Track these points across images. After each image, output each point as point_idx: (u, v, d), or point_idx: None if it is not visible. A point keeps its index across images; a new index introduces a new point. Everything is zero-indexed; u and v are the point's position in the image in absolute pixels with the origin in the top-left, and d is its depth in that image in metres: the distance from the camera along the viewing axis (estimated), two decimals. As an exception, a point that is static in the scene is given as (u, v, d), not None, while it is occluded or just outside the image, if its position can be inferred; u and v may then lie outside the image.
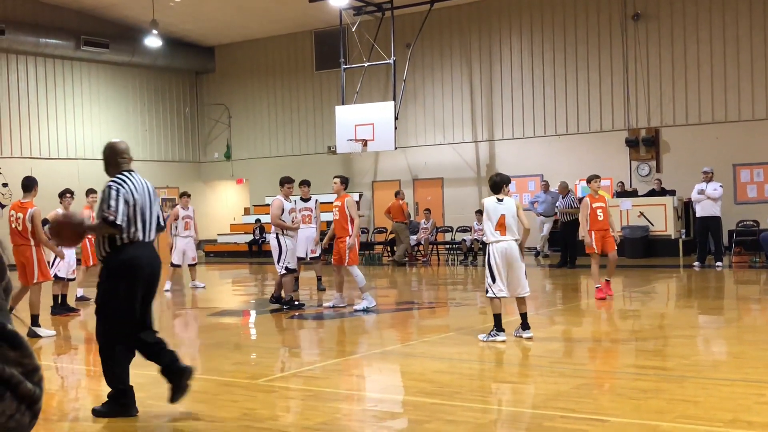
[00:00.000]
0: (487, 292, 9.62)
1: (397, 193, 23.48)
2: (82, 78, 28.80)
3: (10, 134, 26.70)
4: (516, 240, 9.62)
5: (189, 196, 17.65)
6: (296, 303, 13.16)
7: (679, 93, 23.25)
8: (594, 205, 13.40)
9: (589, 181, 13.91)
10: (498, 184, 9.70)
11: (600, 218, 13.34)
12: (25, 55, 27.13)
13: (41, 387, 1.35)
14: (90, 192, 15.31)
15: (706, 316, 11.85)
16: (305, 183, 15.55)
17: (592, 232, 13.33)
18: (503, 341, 9.39)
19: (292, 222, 13.23)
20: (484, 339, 9.53)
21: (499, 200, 9.63)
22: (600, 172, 23.83)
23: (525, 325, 9.65)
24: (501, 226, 9.53)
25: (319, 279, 16.27)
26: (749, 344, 9.40)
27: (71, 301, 14.35)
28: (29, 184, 12.03)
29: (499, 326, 9.50)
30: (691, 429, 5.63)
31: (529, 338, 9.54)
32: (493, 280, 9.48)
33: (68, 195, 13.92)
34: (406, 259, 23.23)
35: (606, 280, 13.46)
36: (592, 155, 24.30)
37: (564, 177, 23.24)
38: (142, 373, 8.37)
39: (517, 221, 9.67)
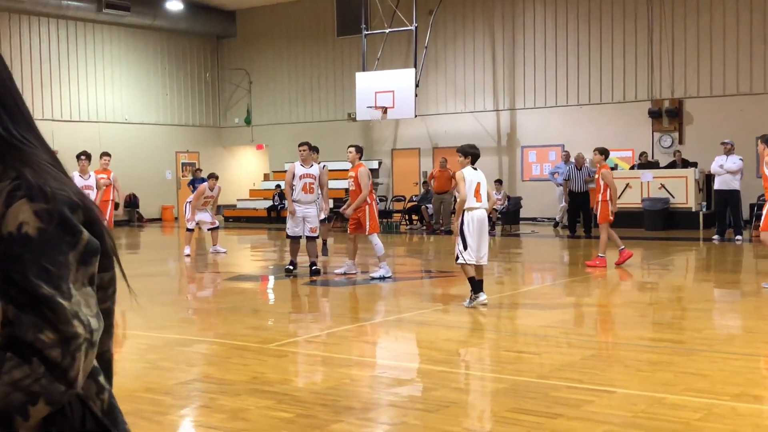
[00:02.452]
0: (457, 258, 9.80)
1: (440, 162, 23.29)
2: (103, 41, 28.85)
3: (31, 96, 26.82)
4: (486, 209, 9.95)
5: (217, 178, 17.64)
6: (291, 268, 13.30)
7: (703, 64, 22.96)
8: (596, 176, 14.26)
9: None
10: (477, 156, 10.04)
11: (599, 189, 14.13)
12: (47, 17, 27.19)
13: (75, 356, 1.31)
14: (102, 155, 15.40)
15: (722, 290, 11.78)
16: (314, 149, 15.49)
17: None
18: (484, 301, 9.65)
19: (304, 188, 13.26)
20: (468, 305, 9.75)
21: (475, 169, 9.90)
22: (622, 143, 23.85)
23: (479, 288, 9.84)
24: (477, 193, 9.82)
25: (324, 242, 16.24)
26: (764, 319, 9.35)
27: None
28: None
29: (476, 288, 9.73)
30: (698, 402, 5.63)
31: (484, 303, 9.72)
32: (465, 247, 9.69)
33: (83, 157, 13.99)
34: (424, 228, 23.21)
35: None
36: (615, 126, 24.11)
37: (585, 147, 23.06)
38: (158, 336, 8.49)
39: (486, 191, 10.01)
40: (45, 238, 1.33)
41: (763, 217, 10.72)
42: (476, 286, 9.75)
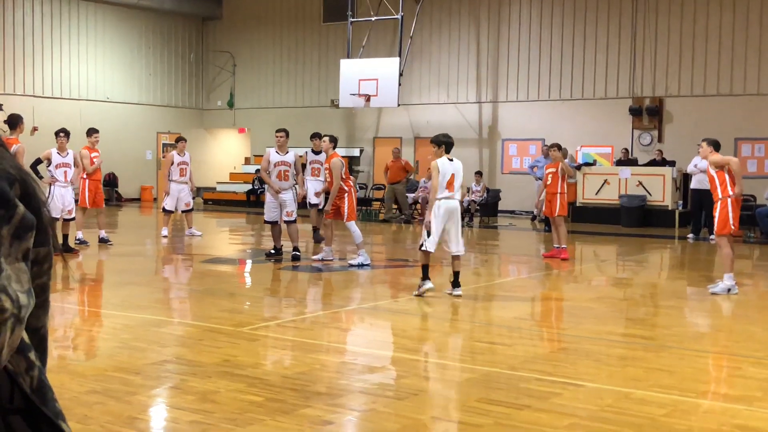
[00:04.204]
0: (421, 246, 9.84)
1: (393, 153, 23.48)
2: (87, 18, 28.62)
3: (13, 71, 26.60)
4: (458, 200, 10.01)
5: (185, 141, 17.44)
6: (272, 252, 13.38)
7: (685, 64, 23.11)
8: (546, 170, 14.63)
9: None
10: (451, 145, 9.98)
11: (548, 182, 14.43)
12: (31, -9, 26.94)
13: (0, 331, 1.26)
14: (92, 131, 15.21)
15: (694, 288, 11.88)
16: (317, 135, 15.56)
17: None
18: (431, 288, 9.77)
19: (278, 176, 13.30)
20: (416, 293, 9.86)
21: (450, 160, 9.87)
22: (602, 140, 24.02)
23: (456, 284, 9.92)
24: (450, 184, 9.84)
25: (315, 230, 16.33)
26: (734, 318, 9.48)
27: (72, 242, 14.30)
28: (14, 122, 12.12)
29: (425, 275, 9.83)
30: (663, 398, 5.70)
31: (459, 296, 9.81)
32: (429, 234, 9.74)
33: (62, 134, 13.88)
34: (402, 216, 23.31)
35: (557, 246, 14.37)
36: (595, 122, 24.24)
37: (566, 142, 23.19)
38: (131, 316, 8.48)
39: (461, 182, 10.05)
40: None
41: (716, 220, 10.82)
42: (427, 274, 9.83)
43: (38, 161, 13.78)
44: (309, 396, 5.59)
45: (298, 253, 13.36)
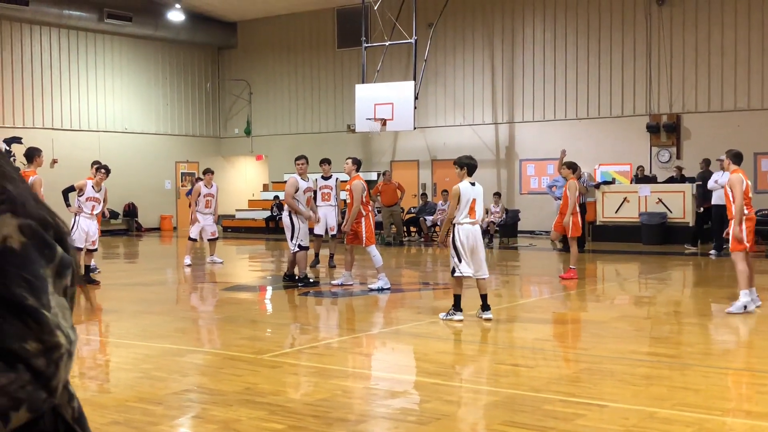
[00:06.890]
0: (453, 272, 9.78)
1: (384, 176, 23.63)
2: (104, 50, 28.91)
3: (32, 105, 26.88)
4: (480, 224, 9.92)
5: (212, 173, 17.62)
6: (311, 280, 13.24)
7: (702, 79, 23.02)
8: (563, 190, 14.48)
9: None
10: (474, 167, 9.93)
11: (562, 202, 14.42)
12: (48, 26, 27.26)
13: (59, 365, 1.38)
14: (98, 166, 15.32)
15: (717, 305, 11.75)
16: (326, 161, 15.62)
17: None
18: (460, 320, 9.62)
19: (307, 202, 13.26)
20: (443, 317, 9.78)
21: (472, 184, 9.83)
22: (620, 158, 23.95)
23: (485, 307, 9.81)
24: (472, 209, 9.78)
25: (331, 256, 16.34)
26: (758, 334, 9.37)
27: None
28: (30, 155, 12.35)
29: (458, 306, 9.74)
30: (689, 417, 5.63)
31: (489, 319, 9.69)
32: (460, 260, 9.68)
33: (103, 171, 13.98)
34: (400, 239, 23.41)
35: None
36: (613, 140, 24.16)
37: (584, 161, 23.12)
38: (152, 345, 8.49)
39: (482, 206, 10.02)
40: (27, 251, 1.39)
41: (730, 238, 10.71)
42: (459, 304, 9.74)
43: (71, 189, 13.89)
44: (331, 422, 5.56)
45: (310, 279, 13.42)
